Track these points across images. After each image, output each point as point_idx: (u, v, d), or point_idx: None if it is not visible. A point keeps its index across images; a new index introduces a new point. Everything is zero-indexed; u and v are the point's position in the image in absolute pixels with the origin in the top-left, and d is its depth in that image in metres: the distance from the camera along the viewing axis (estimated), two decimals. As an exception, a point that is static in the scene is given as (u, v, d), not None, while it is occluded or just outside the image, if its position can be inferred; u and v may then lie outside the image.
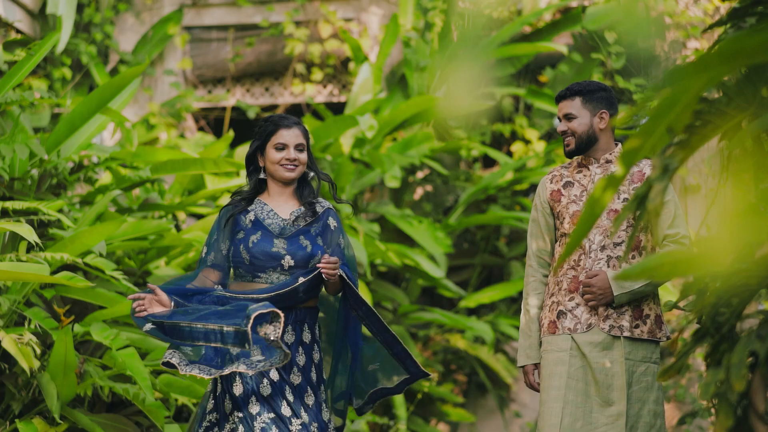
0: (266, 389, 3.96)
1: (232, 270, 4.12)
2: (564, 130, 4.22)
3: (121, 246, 5.72)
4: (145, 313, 3.85)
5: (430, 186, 8.90)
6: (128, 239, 5.72)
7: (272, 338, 3.68)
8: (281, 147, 4.07)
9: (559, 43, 8.51)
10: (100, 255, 5.27)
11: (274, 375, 3.98)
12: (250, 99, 9.14)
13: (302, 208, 4.11)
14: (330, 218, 4.14)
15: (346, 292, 4.06)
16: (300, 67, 8.95)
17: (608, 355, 4.08)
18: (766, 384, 2.33)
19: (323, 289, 4.10)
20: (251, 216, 4.10)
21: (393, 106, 8.44)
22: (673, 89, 2.00)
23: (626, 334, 4.08)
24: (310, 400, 4.03)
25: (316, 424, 4.00)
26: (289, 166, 4.08)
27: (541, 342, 4.24)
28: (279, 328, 3.68)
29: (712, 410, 2.46)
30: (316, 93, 9.08)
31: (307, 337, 4.06)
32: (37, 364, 4.75)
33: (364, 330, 4.22)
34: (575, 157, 4.30)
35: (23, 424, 4.78)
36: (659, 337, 4.15)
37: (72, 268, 5.48)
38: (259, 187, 4.18)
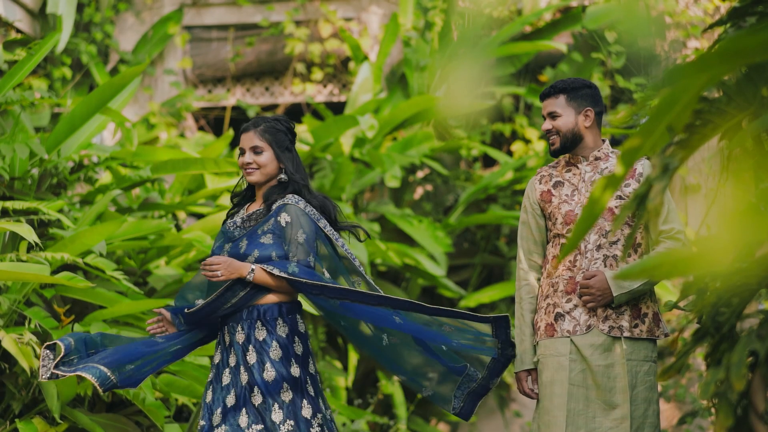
0: (209, 395, 4.02)
1: None
2: (548, 129, 4.14)
3: (121, 246, 5.72)
4: (166, 333, 4.15)
5: (430, 185, 8.90)
6: (128, 239, 5.72)
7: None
8: (241, 152, 4.10)
9: (559, 43, 8.51)
10: (101, 255, 5.27)
11: (226, 378, 4.00)
12: (251, 98, 9.14)
13: (260, 210, 4.09)
14: (282, 214, 4.00)
15: (298, 288, 3.97)
16: (300, 67, 8.95)
17: (609, 357, 4.00)
18: (766, 383, 2.33)
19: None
20: (225, 224, 4.17)
21: (393, 105, 8.44)
22: (673, 88, 2.00)
23: (626, 334, 4.01)
24: (256, 400, 3.91)
25: (259, 427, 3.88)
26: (248, 170, 4.08)
27: (536, 345, 4.14)
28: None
29: (712, 410, 2.47)
30: (316, 92, 9.09)
31: (261, 334, 3.98)
32: (37, 363, 4.75)
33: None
34: (562, 156, 4.22)
35: (23, 424, 4.78)
36: (657, 335, 4.09)
37: (72, 267, 5.48)
38: (249, 193, 4.23)
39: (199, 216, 7.26)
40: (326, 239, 4.06)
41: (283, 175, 4.09)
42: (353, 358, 7.73)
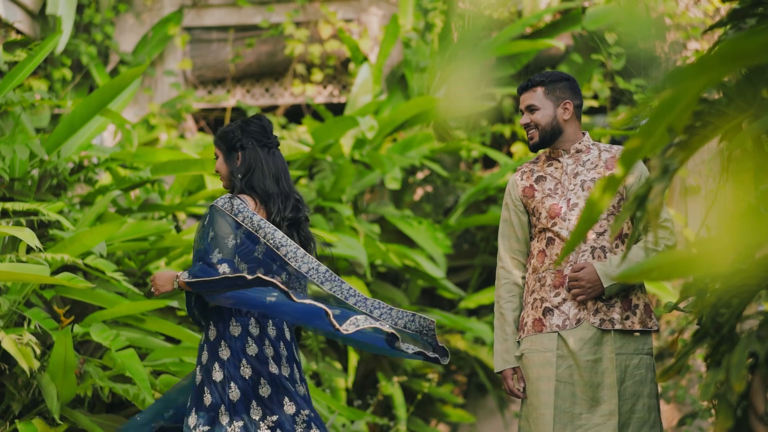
0: None
1: None
2: (527, 123, 4.07)
3: (121, 247, 5.72)
4: None
5: (430, 187, 8.90)
6: (128, 240, 5.72)
7: None
8: None
9: (558, 42, 8.51)
10: (101, 256, 5.27)
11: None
12: (250, 100, 9.14)
13: None
14: (206, 216, 4.08)
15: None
16: (300, 68, 8.95)
17: (598, 352, 3.93)
18: (766, 385, 2.33)
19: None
20: None
21: (393, 106, 8.44)
22: (674, 90, 2.00)
23: (617, 326, 3.94)
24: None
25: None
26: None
27: (520, 341, 4.06)
28: None
29: (712, 411, 2.47)
30: (316, 94, 9.09)
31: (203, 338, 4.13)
32: (37, 364, 4.75)
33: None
34: (542, 151, 4.16)
35: (23, 425, 4.78)
36: (650, 326, 4.02)
37: (72, 268, 5.48)
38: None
39: (199, 217, 7.26)
40: (250, 231, 4.02)
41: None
42: (353, 359, 7.73)
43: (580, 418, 3.92)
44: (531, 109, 4.08)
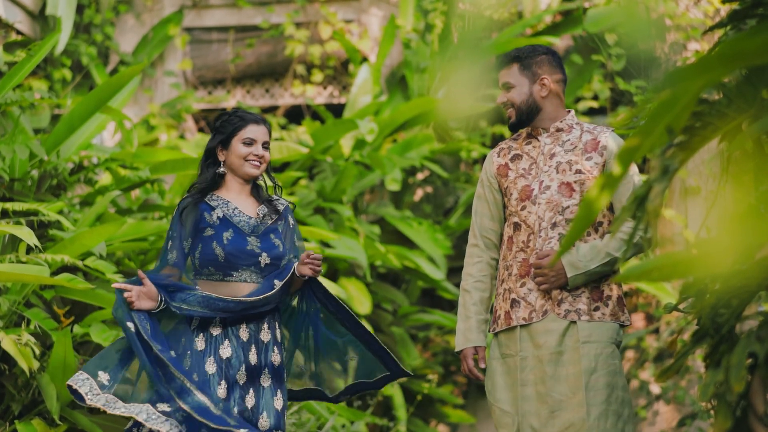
0: None
1: (193, 269, 3.99)
2: (503, 102, 3.90)
3: (121, 247, 5.72)
4: (134, 306, 3.81)
5: (430, 187, 8.90)
6: (128, 240, 5.72)
7: None
8: (249, 142, 4.02)
9: (560, 47, 8.51)
10: (101, 256, 5.27)
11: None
12: (251, 100, 9.14)
13: (265, 207, 4.08)
14: (290, 216, 4.13)
15: (313, 288, 4.04)
16: (300, 69, 8.96)
17: (563, 344, 3.73)
18: (766, 385, 2.33)
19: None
20: (218, 213, 4.00)
21: (393, 107, 8.44)
22: (673, 91, 2.00)
23: (585, 317, 3.74)
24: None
25: None
26: (255, 163, 4.02)
27: (496, 334, 3.91)
28: None
29: (712, 412, 2.47)
30: (317, 94, 9.09)
31: (265, 336, 4.04)
32: (36, 364, 4.75)
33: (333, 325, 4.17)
34: (524, 129, 3.97)
35: (23, 425, 4.78)
36: (623, 320, 3.82)
37: (72, 268, 5.48)
38: (214, 182, 4.07)
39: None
40: None
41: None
42: (353, 359, 7.73)
43: (553, 416, 3.74)
44: (507, 86, 3.91)
